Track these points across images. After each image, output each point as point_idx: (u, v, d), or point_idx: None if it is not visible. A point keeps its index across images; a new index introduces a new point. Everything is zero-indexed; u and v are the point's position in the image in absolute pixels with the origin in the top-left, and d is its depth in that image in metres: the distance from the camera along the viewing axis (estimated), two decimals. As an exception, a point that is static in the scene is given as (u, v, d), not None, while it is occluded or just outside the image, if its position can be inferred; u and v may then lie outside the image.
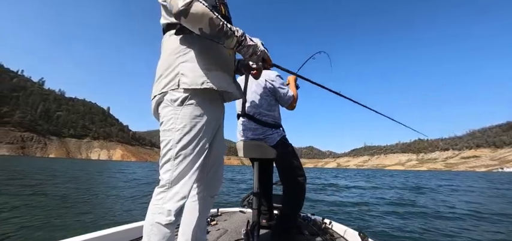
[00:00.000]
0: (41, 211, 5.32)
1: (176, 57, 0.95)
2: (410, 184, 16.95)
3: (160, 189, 0.92)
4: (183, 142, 0.91)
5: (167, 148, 0.92)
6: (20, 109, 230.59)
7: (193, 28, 0.84)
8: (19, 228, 3.99)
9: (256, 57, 0.99)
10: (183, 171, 0.92)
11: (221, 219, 2.25)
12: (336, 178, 22.68)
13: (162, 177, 0.92)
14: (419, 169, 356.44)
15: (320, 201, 8.07)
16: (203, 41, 0.96)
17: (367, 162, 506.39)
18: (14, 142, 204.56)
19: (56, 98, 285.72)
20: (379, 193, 10.75)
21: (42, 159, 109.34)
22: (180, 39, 0.96)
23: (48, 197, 7.06)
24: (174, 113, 0.92)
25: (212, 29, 0.84)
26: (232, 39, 0.89)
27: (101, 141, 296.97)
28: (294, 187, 1.73)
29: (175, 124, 0.92)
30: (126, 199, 7.25)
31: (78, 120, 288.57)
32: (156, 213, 0.89)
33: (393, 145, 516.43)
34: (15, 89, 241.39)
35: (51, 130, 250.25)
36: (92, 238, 1.34)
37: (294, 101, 1.78)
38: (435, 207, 7.03)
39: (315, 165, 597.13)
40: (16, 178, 11.47)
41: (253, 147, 1.59)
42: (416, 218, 5.54)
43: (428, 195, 10.38)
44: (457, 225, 4.92)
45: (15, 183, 9.65)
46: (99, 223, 4.38)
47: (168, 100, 0.93)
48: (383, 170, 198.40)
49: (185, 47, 0.95)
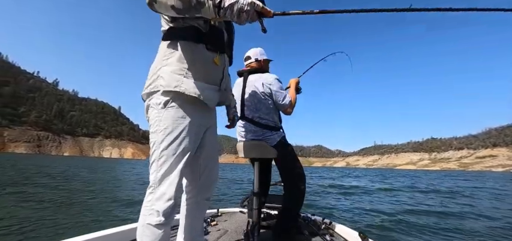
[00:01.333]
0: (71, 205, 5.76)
1: (160, 61, 0.98)
2: (439, 187, 14.73)
3: (148, 191, 0.94)
4: (165, 143, 0.93)
5: (153, 150, 0.95)
6: (36, 109, 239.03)
7: (167, 10, 0.84)
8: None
9: (246, 14, 0.83)
10: (166, 171, 0.92)
11: (221, 220, 2.23)
12: (345, 178, 21.11)
13: (149, 178, 0.94)
14: (432, 168, 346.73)
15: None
16: (185, 47, 0.97)
17: (377, 162, 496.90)
18: (30, 141, 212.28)
19: (69, 98, 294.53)
20: (407, 198, 9.18)
21: (57, 157, 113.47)
22: (166, 44, 0.99)
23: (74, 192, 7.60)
24: (158, 115, 0.94)
25: (184, 2, 0.82)
26: (207, 5, 0.82)
27: (112, 140, 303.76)
28: (294, 187, 1.73)
29: (159, 126, 0.94)
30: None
31: (90, 120, 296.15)
32: (147, 215, 0.91)
33: (404, 144, 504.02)
34: (31, 89, 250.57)
35: (65, 130, 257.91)
36: (92, 238, 1.34)
37: (290, 107, 1.75)
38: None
39: (323, 164, 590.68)
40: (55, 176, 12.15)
41: (253, 147, 1.59)
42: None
43: (478, 202, 8.59)
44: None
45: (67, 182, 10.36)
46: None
47: (154, 103, 0.96)
48: (394, 170, 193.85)
49: (169, 52, 0.98)
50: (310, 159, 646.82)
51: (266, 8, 0.89)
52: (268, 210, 2.44)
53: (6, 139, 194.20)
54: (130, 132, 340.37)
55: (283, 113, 1.82)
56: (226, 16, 0.86)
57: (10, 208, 5.01)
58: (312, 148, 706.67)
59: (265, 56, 1.92)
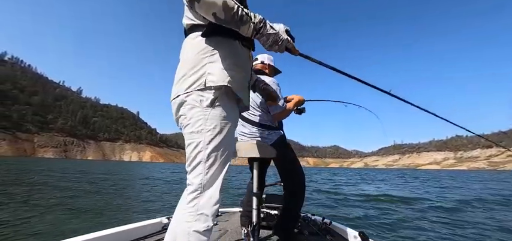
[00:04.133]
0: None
1: (203, 57, 0.92)
2: (492, 193, 10.90)
3: (192, 195, 0.86)
4: (214, 144, 0.88)
5: (197, 151, 0.88)
6: (62, 116, 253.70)
7: (207, 14, 0.82)
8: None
9: (278, 46, 0.93)
10: (215, 173, 0.88)
11: (221, 219, 2.20)
12: (367, 183, 16.71)
13: (192, 182, 0.88)
14: (459, 168, 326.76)
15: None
16: (229, 45, 0.95)
17: (398, 162, 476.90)
18: (57, 146, 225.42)
19: (92, 105, 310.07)
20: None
21: (83, 161, 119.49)
22: (206, 40, 0.94)
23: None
24: (203, 114, 0.88)
25: (227, 13, 0.80)
26: (249, 25, 0.85)
27: (132, 144, 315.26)
28: (294, 187, 1.73)
29: (205, 126, 0.88)
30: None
31: (111, 125, 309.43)
32: (192, 221, 0.83)
33: (426, 143, 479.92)
34: (57, 98, 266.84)
35: (88, 135, 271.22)
36: (92, 238, 1.33)
37: (280, 114, 1.74)
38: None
39: (340, 165, 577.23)
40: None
41: (253, 146, 1.59)
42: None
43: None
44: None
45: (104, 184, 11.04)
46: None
47: (196, 101, 0.89)
48: (417, 170, 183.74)
49: (212, 48, 0.93)
50: (326, 159, 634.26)
51: (295, 47, 0.98)
52: (268, 210, 2.42)
53: (36, 145, 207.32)
54: (148, 136, 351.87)
55: (272, 116, 1.78)
56: (260, 40, 0.90)
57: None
58: (327, 148, 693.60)
59: (272, 63, 1.92)
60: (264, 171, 1.91)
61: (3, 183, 9.51)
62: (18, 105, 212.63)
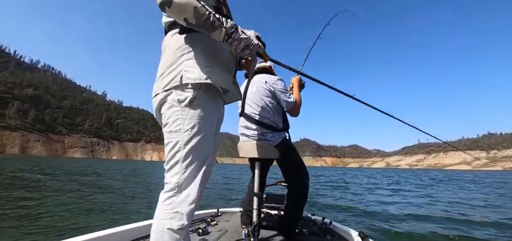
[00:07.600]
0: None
1: (179, 55, 0.91)
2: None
3: (168, 193, 0.86)
4: (191, 144, 0.87)
5: (175, 150, 0.87)
6: (88, 118, 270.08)
7: (178, 18, 0.82)
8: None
9: (249, 51, 0.94)
10: (191, 173, 0.88)
11: (221, 219, 2.21)
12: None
13: (169, 181, 0.88)
14: (492, 168, 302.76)
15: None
16: (206, 39, 0.93)
17: (423, 162, 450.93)
18: (85, 146, 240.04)
19: (115, 107, 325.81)
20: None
21: (108, 160, 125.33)
22: (183, 37, 0.93)
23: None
24: (181, 113, 0.88)
25: (198, 19, 0.80)
26: (220, 30, 0.84)
27: (152, 144, 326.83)
28: (297, 187, 1.72)
29: (182, 125, 0.87)
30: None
31: (133, 126, 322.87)
32: (167, 219, 0.83)
33: (454, 142, 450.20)
34: (85, 101, 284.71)
35: (112, 136, 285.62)
36: (92, 238, 1.33)
37: (295, 108, 1.72)
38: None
39: (360, 165, 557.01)
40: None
41: (254, 147, 1.57)
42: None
43: None
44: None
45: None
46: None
47: (174, 100, 0.88)
48: (444, 171, 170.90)
49: (188, 46, 0.92)
50: (345, 159, 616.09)
51: (265, 53, 1.04)
52: (268, 210, 2.41)
53: (66, 146, 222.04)
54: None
55: (289, 114, 1.77)
56: (231, 45, 0.90)
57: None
58: (346, 148, 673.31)
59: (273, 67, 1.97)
60: (265, 172, 1.89)
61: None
62: (50, 108, 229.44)
